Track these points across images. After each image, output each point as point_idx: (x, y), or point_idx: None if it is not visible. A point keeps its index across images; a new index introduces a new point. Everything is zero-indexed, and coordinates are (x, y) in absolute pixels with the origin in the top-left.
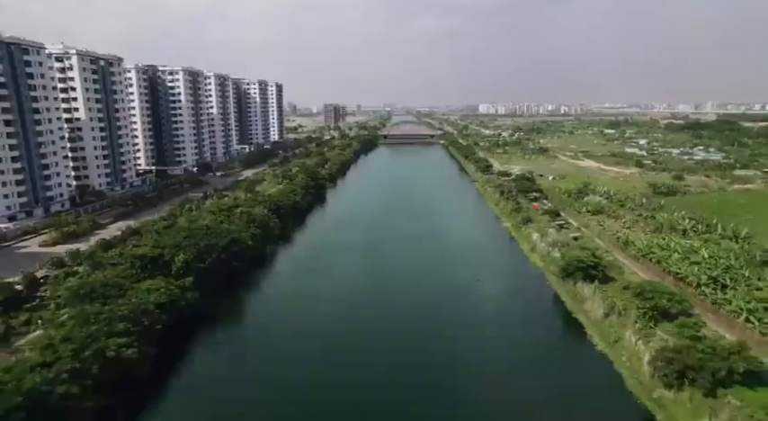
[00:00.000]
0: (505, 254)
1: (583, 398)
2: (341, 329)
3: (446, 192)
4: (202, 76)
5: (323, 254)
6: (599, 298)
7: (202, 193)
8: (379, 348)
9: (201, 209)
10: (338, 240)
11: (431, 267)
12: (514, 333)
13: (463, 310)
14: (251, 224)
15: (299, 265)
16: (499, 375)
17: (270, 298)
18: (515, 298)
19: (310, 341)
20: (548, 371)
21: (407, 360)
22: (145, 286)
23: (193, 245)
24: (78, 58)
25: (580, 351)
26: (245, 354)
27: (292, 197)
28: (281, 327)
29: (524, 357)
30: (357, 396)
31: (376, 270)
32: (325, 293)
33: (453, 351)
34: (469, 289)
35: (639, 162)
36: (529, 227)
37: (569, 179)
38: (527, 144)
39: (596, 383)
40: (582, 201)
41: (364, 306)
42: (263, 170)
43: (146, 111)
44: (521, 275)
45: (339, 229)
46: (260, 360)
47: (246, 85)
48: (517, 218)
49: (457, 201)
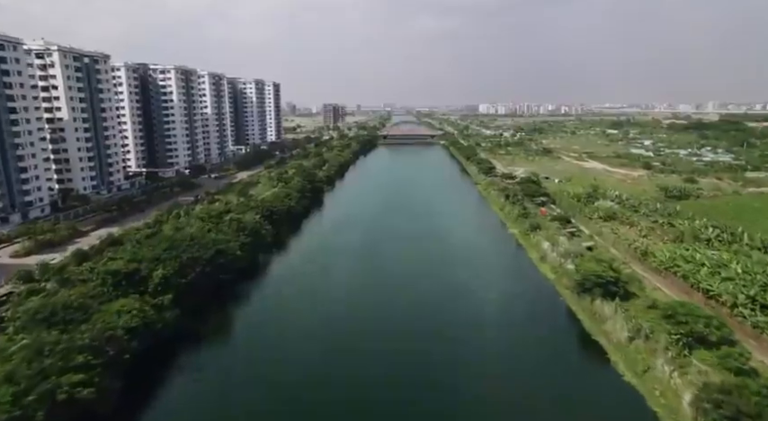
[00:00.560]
0: (513, 264)
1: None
2: (337, 351)
3: (448, 194)
4: (195, 75)
5: (318, 263)
6: (621, 318)
7: (193, 197)
8: (377, 377)
9: (190, 215)
10: (335, 247)
11: (435, 280)
12: (527, 356)
13: (470, 328)
14: (241, 232)
15: (292, 276)
16: (511, 410)
17: (260, 312)
18: (525, 314)
19: (301, 364)
20: (569, 405)
21: (405, 391)
22: (115, 307)
23: (175, 257)
24: (60, 54)
25: (603, 381)
26: (231, 377)
27: (287, 202)
28: (270, 346)
29: (540, 387)
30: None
31: (375, 284)
32: (319, 308)
33: (460, 377)
34: (477, 305)
35: (647, 163)
36: (538, 234)
37: (576, 182)
38: (529, 145)
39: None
40: (592, 206)
41: (360, 327)
42: (259, 172)
43: (136, 110)
44: (530, 288)
45: (336, 235)
46: (247, 382)
47: (243, 85)
48: (524, 224)
49: (459, 205)
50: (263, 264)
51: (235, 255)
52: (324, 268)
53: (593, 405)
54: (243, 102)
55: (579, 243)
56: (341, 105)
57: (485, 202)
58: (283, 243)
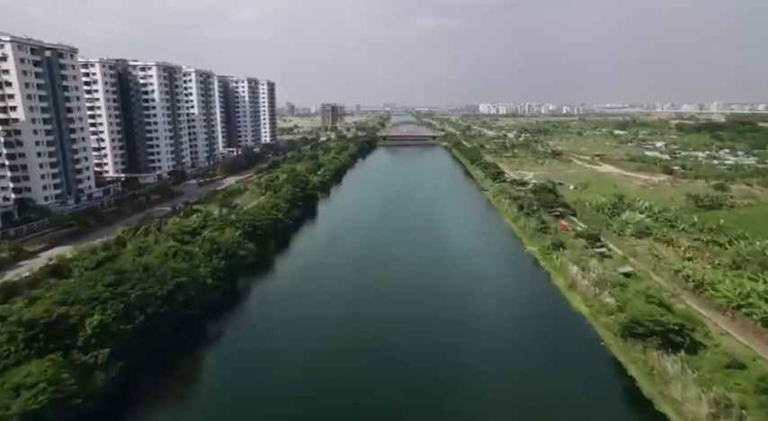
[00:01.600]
0: (536, 292)
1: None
2: (328, 399)
3: (454, 203)
4: (180, 73)
5: (306, 289)
6: (693, 382)
7: (171, 208)
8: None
9: (162, 231)
10: (325, 267)
11: (446, 317)
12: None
13: (492, 381)
14: (214, 255)
15: (276, 305)
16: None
17: (234, 356)
18: (560, 364)
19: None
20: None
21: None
22: (17, 378)
23: (120, 296)
24: (14, 46)
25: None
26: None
27: (274, 214)
28: (246, 409)
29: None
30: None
31: (371, 319)
32: (307, 345)
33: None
34: (499, 349)
35: (668, 168)
36: (561, 254)
37: (594, 189)
38: (536, 146)
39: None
40: (619, 218)
41: (355, 368)
42: (249, 177)
43: (114, 110)
44: (561, 326)
45: (329, 254)
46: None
47: (235, 84)
48: (544, 240)
49: (467, 216)
50: (243, 291)
51: (203, 285)
52: (313, 296)
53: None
54: (235, 101)
55: (614, 267)
56: (340, 105)
57: (495, 212)
58: (268, 264)
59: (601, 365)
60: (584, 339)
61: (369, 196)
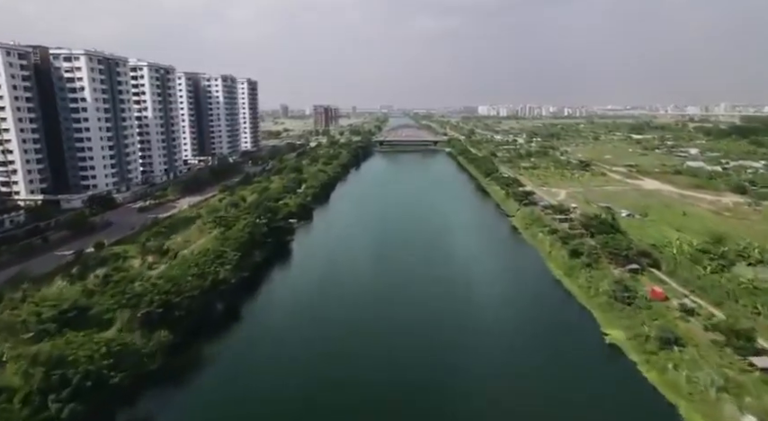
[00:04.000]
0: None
1: None
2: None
3: (471, 237)
4: (124, 66)
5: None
6: None
7: (73, 253)
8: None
9: (19, 308)
10: (291, 376)
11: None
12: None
13: None
14: (64, 386)
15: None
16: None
17: None
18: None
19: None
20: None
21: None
22: None
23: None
24: None
25: None
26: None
27: (213, 270)
28: None
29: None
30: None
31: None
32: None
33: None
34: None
35: (739, 186)
36: (683, 356)
37: (655, 217)
38: (555, 154)
39: None
40: (729, 273)
41: None
42: (210, 197)
43: (26, 112)
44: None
45: (294, 336)
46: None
47: (207, 82)
48: (632, 320)
49: (494, 258)
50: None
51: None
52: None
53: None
54: (207, 103)
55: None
56: (334, 107)
57: (530, 251)
58: (183, 376)
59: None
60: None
61: (362, 223)
